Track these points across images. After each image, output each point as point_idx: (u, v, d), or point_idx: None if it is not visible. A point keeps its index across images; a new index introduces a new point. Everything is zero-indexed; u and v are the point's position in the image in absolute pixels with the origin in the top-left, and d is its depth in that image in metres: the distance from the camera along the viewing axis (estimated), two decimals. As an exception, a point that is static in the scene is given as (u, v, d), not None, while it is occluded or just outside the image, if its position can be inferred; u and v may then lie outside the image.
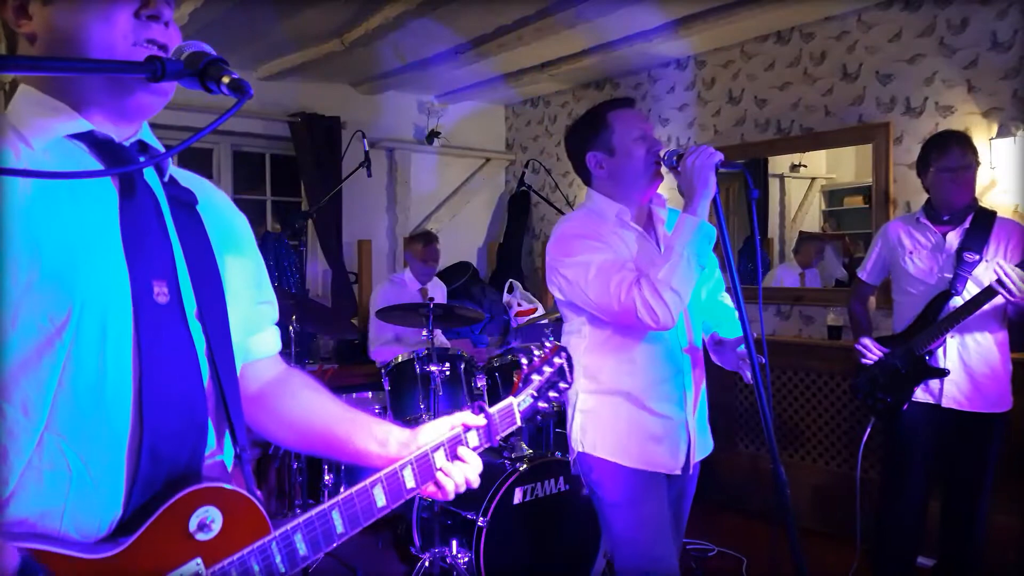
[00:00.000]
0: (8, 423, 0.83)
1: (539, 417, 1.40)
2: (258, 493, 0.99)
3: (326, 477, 3.54)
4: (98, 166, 0.94)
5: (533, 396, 1.38)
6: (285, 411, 1.22)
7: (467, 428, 1.23)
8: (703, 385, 2.08)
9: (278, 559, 0.98)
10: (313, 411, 1.22)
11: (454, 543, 3.09)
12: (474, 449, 1.23)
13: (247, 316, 1.12)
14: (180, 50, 0.91)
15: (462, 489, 1.18)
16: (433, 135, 5.74)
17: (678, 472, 2.00)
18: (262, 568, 0.96)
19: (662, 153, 1.93)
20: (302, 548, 1.00)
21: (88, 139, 0.94)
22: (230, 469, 1.03)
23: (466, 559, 3.01)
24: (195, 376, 0.95)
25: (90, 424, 0.87)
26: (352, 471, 3.40)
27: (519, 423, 1.34)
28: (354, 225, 5.36)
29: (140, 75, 0.87)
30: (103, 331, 0.88)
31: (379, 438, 1.19)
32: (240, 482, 0.99)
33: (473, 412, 1.26)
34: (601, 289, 1.84)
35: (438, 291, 4.52)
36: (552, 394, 1.41)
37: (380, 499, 1.10)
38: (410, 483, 1.14)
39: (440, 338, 4.37)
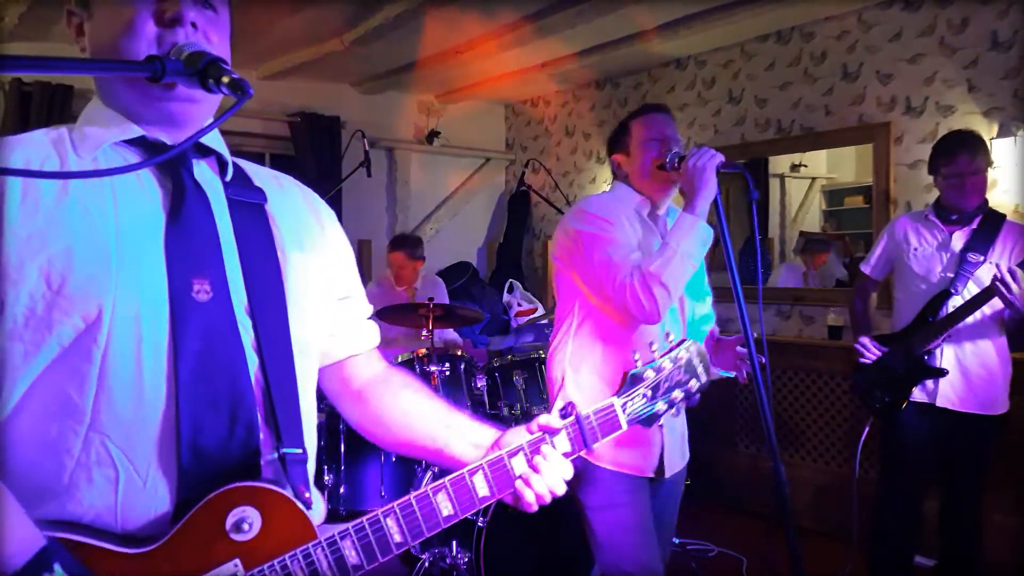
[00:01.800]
0: (53, 422, 0.86)
1: (660, 424, 1.23)
2: (306, 496, 0.95)
3: (326, 478, 3.53)
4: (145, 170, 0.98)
5: (647, 396, 1.16)
6: (385, 411, 1.18)
7: (553, 432, 1.10)
8: None
9: (324, 565, 0.93)
10: (412, 412, 1.18)
11: (454, 543, 3.08)
12: (565, 455, 1.10)
13: (326, 313, 1.12)
14: (180, 49, 0.91)
15: (546, 500, 1.07)
16: (433, 135, 5.74)
17: (651, 475, 1.99)
18: (307, 574, 0.92)
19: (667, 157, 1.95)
20: (352, 556, 0.94)
21: (140, 144, 0.98)
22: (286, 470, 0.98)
23: (466, 559, 3.00)
24: (240, 372, 0.94)
25: (131, 422, 0.88)
26: (352, 473, 3.39)
27: (624, 427, 1.15)
28: (354, 225, 5.34)
29: (139, 74, 0.87)
30: (137, 330, 0.89)
31: (476, 441, 1.14)
32: (297, 482, 0.96)
33: (562, 414, 1.13)
34: (604, 268, 1.86)
35: (439, 291, 4.51)
36: (677, 394, 1.19)
37: (446, 507, 1.01)
38: (483, 491, 1.04)
39: (451, 335, 4.35)
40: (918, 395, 2.64)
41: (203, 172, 1.02)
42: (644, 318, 1.81)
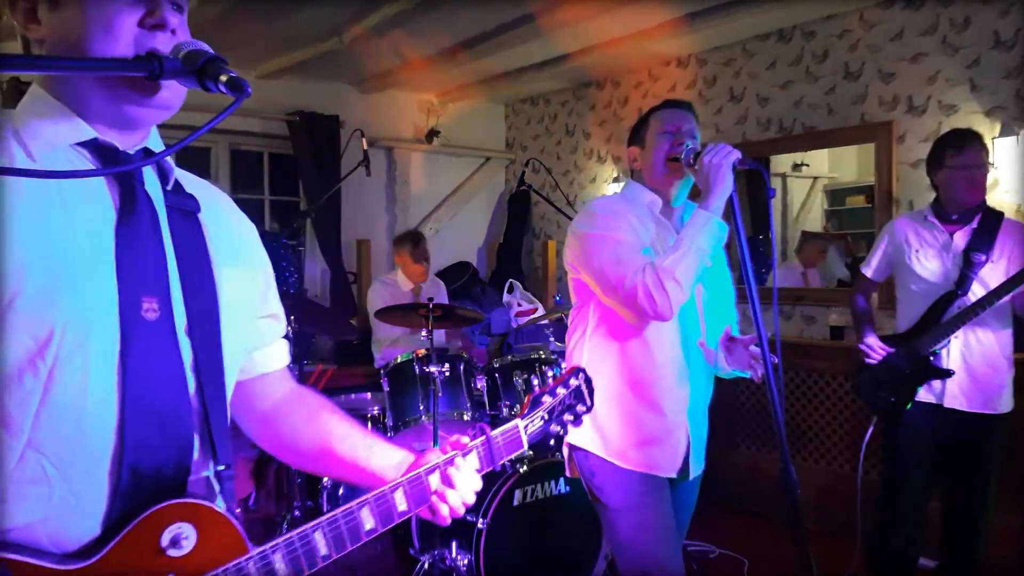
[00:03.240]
0: None
1: (552, 442, 1.40)
2: (236, 512, 0.98)
3: (324, 481, 3.52)
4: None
5: (544, 419, 1.32)
6: (300, 434, 1.19)
7: (465, 451, 1.18)
8: (709, 395, 2.08)
9: None
10: (332, 434, 1.18)
11: (454, 545, 3.07)
12: (476, 471, 1.18)
13: (249, 330, 1.11)
14: (178, 48, 0.89)
15: (459, 512, 1.14)
16: (433, 134, 5.72)
17: (675, 476, 2.00)
18: None
19: (681, 151, 1.94)
20: (281, 568, 0.97)
21: (92, 147, 0.94)
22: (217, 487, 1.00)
23: (466, 561, 2.99)
24: (181, 392, 0.94)
25: (71, 441, 0.86)
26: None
27: (525, 447, 1.28)
28: (353, 225, 5.34)
29: (138, 74, 0.86)
30: (86, 350, 0.86)
31: (396, 463, 1.17)
32: (228, 498, 0.99)
33: (472, 436, 1.21)
34: (613, 267, 1.85)
35: (439, 291, 4.50)
36: (567, 417, 1.35)
37: (368, 521, 1.05)
38: (402, 506, 1.09)
39: (442, 339, 4.35)
40: (925, 395, 2.63)
41: (150, 179, 0.99)
42: (656, 315, 1.80)
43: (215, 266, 1.02)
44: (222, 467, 0.99)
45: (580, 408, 1.36)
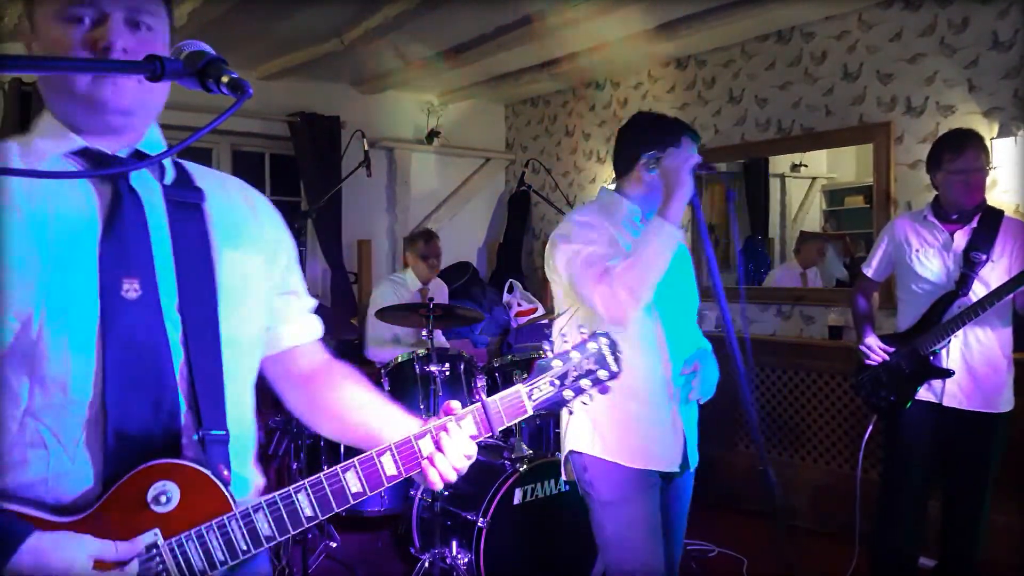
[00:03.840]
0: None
1: (570, 411, 1.30)
2: (224, 473, 1.04)
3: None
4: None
5: (554, 384, 1.22)
6: (325, 401, 1.27)
7: (460, 416, 1.18)
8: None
9: (238, 536, 1.02)
10: (352, 403, 1.26)
11: (454, 543, 3.08)
12: (472, 438, 1.18)
13: (267, 306, 1.20)
14: (179, 50, 0.91)
15: (450, 477, 1.14)
16: (433, 135, 5.73)
17: (676, 469, 2.03)
18: (222, 543, 1.01)
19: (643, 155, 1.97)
20: (265, 527, 1.03)
21: (82, 154, 1.05)
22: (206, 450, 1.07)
23: (466, 560, 3.00)
24: (164, 362, 1.03)
25: (61, 409, 0.98)
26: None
27: (529, 411, 1.21)
28: (354, 225, 5.35)
29: (140, 74, 0.87)
30: (66, 326, 0.97)
31: (407, 430, 1.19)
32: (216, 460, 1.06)
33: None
34: (580, 277, 1.89)
35: (439, 291, 4.51)
36: (585, 383, 1.24)
37: (354, 484, 1.08)
38: (391, 470, 1.12)
39: (439, 339, 4.35)
40: (925, 395, 2.63)
41: (142, 176, 1.08)
42: (612, 321, 1.82)
43: (215, 250, 1.11)
44: (210, 432, 1.06)
45: (602, 373, 1.25)
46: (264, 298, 1.19)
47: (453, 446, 1.15)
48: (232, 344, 1.10)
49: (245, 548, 1.02)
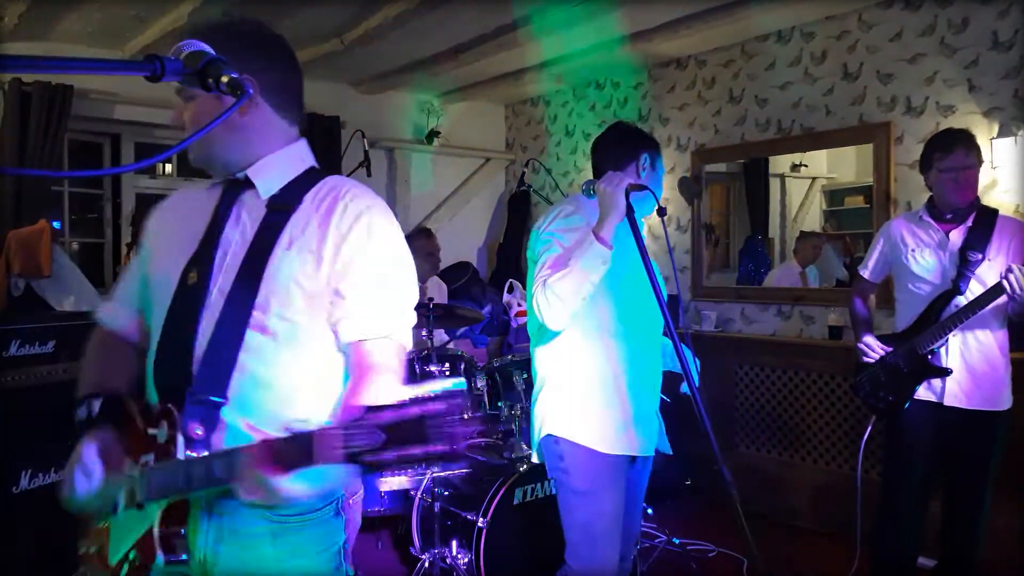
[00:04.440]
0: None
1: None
2: (198, 432, 1.22)
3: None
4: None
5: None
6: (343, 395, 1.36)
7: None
8: (660, 377, 2.29)
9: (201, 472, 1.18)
10: (355, 399, 1.30)
11: (454, 543, 3.08)
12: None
13: (312, 302, 1.30)
14: (179, 50, 0.91)
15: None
16: (433, 135, 5.73)
17: (651, 454, 2.21)
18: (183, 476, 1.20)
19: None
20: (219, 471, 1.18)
21: (222, 182, 1.41)
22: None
23: (466, 559, 3.00)
24: (190, 335, 1.27)
25: (150, 361, 1.34)
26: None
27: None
28: (354, 225, 5.34)
29: (139, 74, 0.87)
30: (154, 305, 1.36)
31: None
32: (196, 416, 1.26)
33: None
34: (535, 275, 2.06)
35: (439, 291, 4.51)
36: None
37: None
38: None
39: (441, 337, 4.35)
40: (925, 394, 2.63)
41: (250, 193, 1.36)
42: (546, 323, 1.99)
43: (276, 248, 1.30)
44: (207, 396, 1.24)
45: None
46: (316, 297, 1.29)
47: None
48: (270, 329, 1.27)
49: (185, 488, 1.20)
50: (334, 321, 1.32)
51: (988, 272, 2.52)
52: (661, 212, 2.13)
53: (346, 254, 1.30)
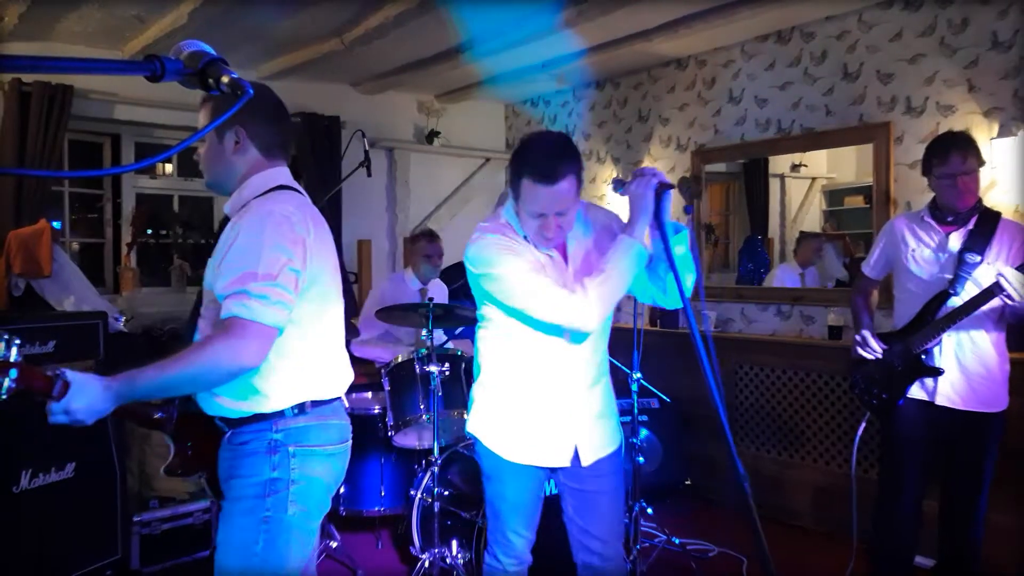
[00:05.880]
0: None
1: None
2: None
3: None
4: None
5: None
6: None
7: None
8: (603, 385, 2.23)
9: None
10: None
11: (454, 543, 3.08)
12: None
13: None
14: (179, 50, 0.91)
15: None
16: (433, 135, 5.73)
17: (566, 465, 2.16)
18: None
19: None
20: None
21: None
22: None
23: (466, 559, 3.00)
24: None
25: None
26: (352, 473, 3.39)
27: None
28: (354, 225, 5.35)
29: (139, 74, 0.87)
30: None
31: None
32: None
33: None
34: (527, 291, 2.04)
35: (439, 292, 4.51)
36: None
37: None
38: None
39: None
40: (918, 393, 2.65)
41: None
42: (583, 327, 1.99)
43: None
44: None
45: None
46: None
47: None
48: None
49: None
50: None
51: (985, 275, 2.52)
52: (687, 210, 2.19)
53: (222, 252, 1.74)
